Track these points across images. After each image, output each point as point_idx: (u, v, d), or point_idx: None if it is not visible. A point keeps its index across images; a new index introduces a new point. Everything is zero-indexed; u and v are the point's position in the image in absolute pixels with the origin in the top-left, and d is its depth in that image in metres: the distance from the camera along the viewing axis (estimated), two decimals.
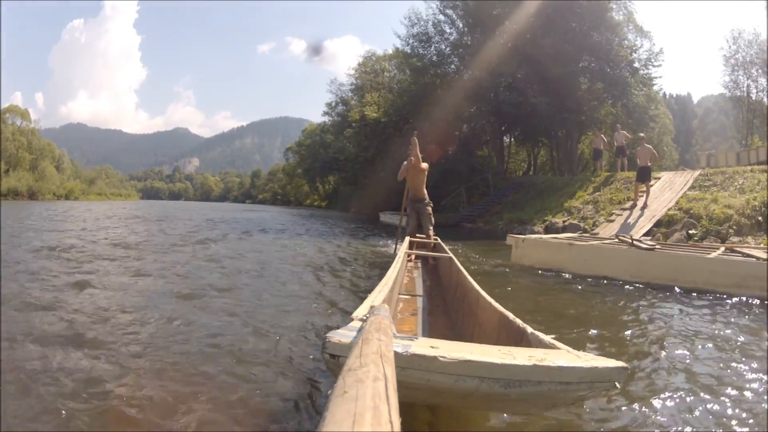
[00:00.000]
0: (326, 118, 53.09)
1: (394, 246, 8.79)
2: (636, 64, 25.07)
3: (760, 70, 30.51)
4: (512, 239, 8.12)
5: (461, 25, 27.92)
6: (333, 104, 49.59)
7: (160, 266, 6.47)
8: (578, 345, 3.75)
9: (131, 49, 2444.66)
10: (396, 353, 1.36)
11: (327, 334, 1.50)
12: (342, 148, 40.63)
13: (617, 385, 1.50)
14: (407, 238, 6.75)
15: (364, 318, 1.73)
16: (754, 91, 31.69)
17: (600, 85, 24.84)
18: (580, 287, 5.98)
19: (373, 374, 0.87)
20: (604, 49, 23.99)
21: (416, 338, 1.62)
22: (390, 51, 42.49)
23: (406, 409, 1.03)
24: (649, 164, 11.41)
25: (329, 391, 0.81)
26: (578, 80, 24.61)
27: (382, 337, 1.22)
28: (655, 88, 29.80)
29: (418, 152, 7.03)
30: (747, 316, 4.46)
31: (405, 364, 1.41)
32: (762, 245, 8.10)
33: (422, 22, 28.74)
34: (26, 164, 70.68)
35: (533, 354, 1.52)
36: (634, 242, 6.93)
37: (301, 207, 58.15)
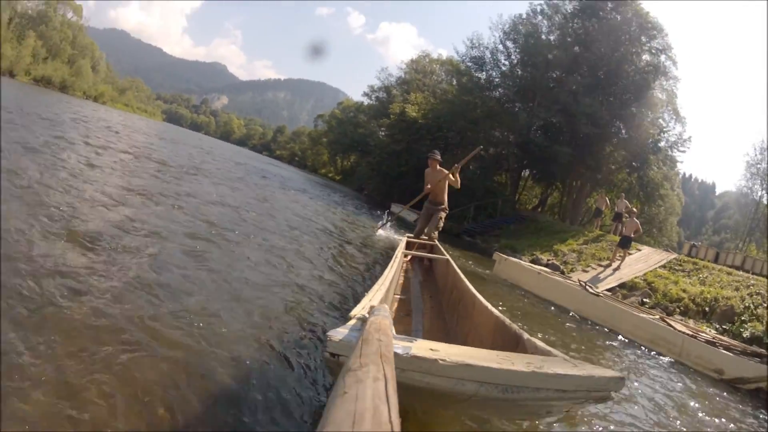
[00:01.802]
0: (365, 99, 54.70)
1: (381, 222, 9.57)
2: (661, 144, 26.55)
3: None
4: (498, 256, 10.33)
5: (515, 60, 29.56)
6: (376, 88, 51.00)
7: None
8: (526, 330, 5.57)
9: None
10: (396, 354, 1.38)
11: (327, 333, 1.54)
12: (373, 133, 42.26)
13: (613, 395, 1.55)
14: (405, 239, 6.87)
15: (363, 317, 1.79)
16: (765, 202, 33.07)
17: (622, 153, 26.33)
18: (536, 303, 8.13)
19: (373, 374, 0.90)
20: (636, 123, 25.52)
21: (416, 340, 1.66)
22: (444, 56, 44.21)
23: (405, 410, 1.04)
24: (632, 235, 13.18)
25: (329, 391, 0.86)
26: (604, 143, 26.06)
27: (382, 338, 1.26)
28: (675, 170, 31.40)
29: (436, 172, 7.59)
30: (649, 360, 6.31)
31: (405, 365, 1.43)
32: (694, 326, 9.90)
33: (482, 48, 30.62)
34: (65, 57, 71.68)
35: (531, 360, 1.58)
36: (585, 286, 8.84)
37: (316, 174, 59.45)
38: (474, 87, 29.64)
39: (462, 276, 3.77)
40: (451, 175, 7.47)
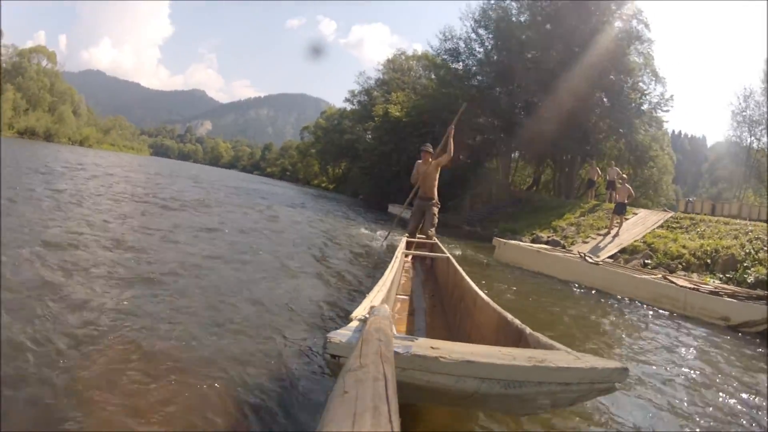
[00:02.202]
0: (347, 105, 54.96)
1: (385, 234, 9.47)
2: (645, 107, 26.90)
3: (765, 130, 32.00)
4: (497, 241, 10.59)
5: (489, 46, 29.83)
6: (356, 93, 51.59)
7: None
8: (530, 307, 5.84)
9: (162, 4, 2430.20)
10: (396, 354, 1.40)
11: (328, 335, 1.54)
12: (360, 137, 42.51)
13: (617, 386, 1.55)
14: (404, 239, 6.79)
15: (364, 318, 1.79)
16: (756, 147, 33.24)
17: (607, 121, 26.66)
18: (539, 281, 8.32)
19: (373, 374, 0.90)
20: (616, 90, 25.89)
21: (416, 339, 1.66)
22: (419, 51, 44.57)
23: (406, 409, 1.09)
24: (626, 201, 13.43)
25: (329, 391, 0.89)
26: (588, 114, 26.38)
27: (382, 338, 1.27)
28: (662, 130, 31.78)
29: (429, 159, 7.52)
30: (654, 318, 6.55)
31: (405, 364, 1.43)
32: (697, 280, 10.12)
33: (455, 39, 30.82)
34: (45, 105, 71.74)
35: (533, 355, 1.57)
36: (585, 257, 9.07)
37: (309, 186, 59.57)
38: (453, 78, 29.88)
39: (463, 273, 3.76)
40: (445, 156, 7.52)
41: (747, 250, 10.75)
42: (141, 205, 9.22)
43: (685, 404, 3.12)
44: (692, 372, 3.98)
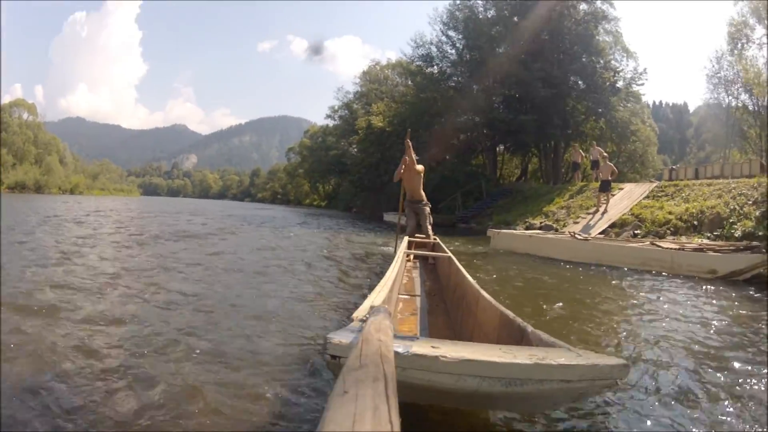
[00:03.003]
0: (329, 121, 55.83)
1: (395, 244, 9.43)
2: (619, 84, 27.55)
3: (741, 88, 32.53)
4: (491, 232, 11.32)
5: (461, 46, 30.48)
6: (336, 108, 52.29)
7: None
8: (526, 286, 6.25)
9: (132, 45, 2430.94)
10: (397, 353, 1.41)
11: (328, 335, 1.54)
12: (345, 152, 43.10)
13: (618, 382, 1.56)
14: (406, 238, 6.89)
15: (365, 318, 1.79)
16: (734, 106, 33.74)
17: (585, 103, 27.35)
18: (532, 262, 8.84)
19: (373, 374, 0.91)
20: (589, 72, 26.55)
21: (417, 338, 1.66)
22: (393, 59, 45.25)
23: (406, 409, 1.07)
24: (609, 178, 13.91)
25: (329, 391, 0.86)
26: (565, 99, 26.99)
27: (382, 338, 1.28)
28: (641, 103, 32.44)
29: (413, 154, 7.43)
30: (646, 281, 6.98)
31: (406, 364, 1.45)
32: (684, 241, 10.55)
33: (426, 45, 31.45)
34: (32, 158, 71.64)
35: (534, 353, 1.57)
36: (574, 235, 9.54)
37: (301, 206, 60.01)
38: (429, 83, 30.49)
39: (465, 272, 3.77)
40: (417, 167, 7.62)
41: (731, 207, 11.13)
42: (174, 239, 10.01)
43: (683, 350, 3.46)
44: (691, 319, 4.38)
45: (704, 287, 6.26)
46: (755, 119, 29.28)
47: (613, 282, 6.68)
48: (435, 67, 31.56)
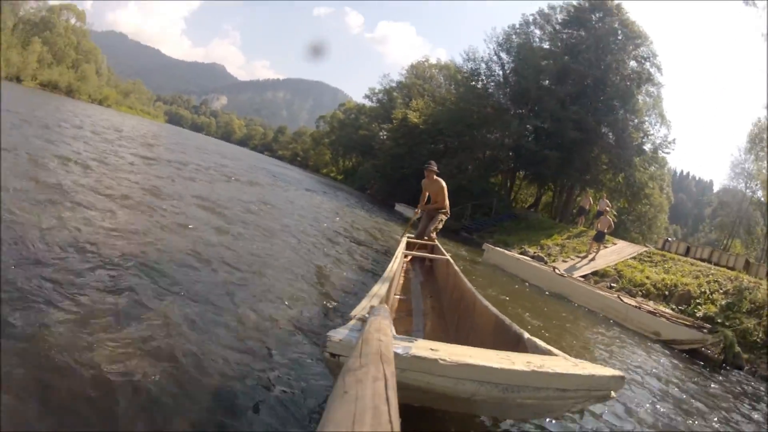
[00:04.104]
0: (366, 101, 56.86)
1: (402, 232, 9.95)
2: (646, 147, 28.51)
3: (758, 185, 32.99)
4: (486, 247, 12.96)
5: (508, 69, 31.56)
6: (377, 91, 52.96)
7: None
8: (504, 299, 7.60)
9: None
10: (396, 354, 1.40)
11: (327, 333, 1.57)
12: (375, 135, 44.15)
13: (613, 394, 1.59)
14: (405, 239, 6.88)
15: (364, 317, 1.83)
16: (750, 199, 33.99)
17: (609, 155, 28.27)
18: (514, 281, 10.37)
19: (373, 375, 0.91)
20: (621, 127, 27.48)
21: (416, 340, 1.67)
22: (443, 57, 46.24)
23: (405, 410, 1.05)
24: (605, 230, 15.17)
25: (329, 392, 0.88)
26: (592, 146, 27.96)
27: (382, 338, 1.28)
28: (664, 170, 33.07)
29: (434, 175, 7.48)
30: (598, 321, 8.35)
31: (405, 365, 1.45)
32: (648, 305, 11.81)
33: (477, 61, 32.75)
34: (69, 62, 73.21)
35: (532, 360, 1.61)
36: (555, 270, 10.95)
37: (318, 174, 60.77)
38: (471, 96, 31.33)
39: (462, 276, 3.80)
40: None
41: (703, 290, 12.04)
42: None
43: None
44: (616, 356, 5.75)
45: (648, 344, 7.61)
46: (764, 218, 30.03)
47: (573, 314, 8.12)
48: (480, 82, 32.67)
